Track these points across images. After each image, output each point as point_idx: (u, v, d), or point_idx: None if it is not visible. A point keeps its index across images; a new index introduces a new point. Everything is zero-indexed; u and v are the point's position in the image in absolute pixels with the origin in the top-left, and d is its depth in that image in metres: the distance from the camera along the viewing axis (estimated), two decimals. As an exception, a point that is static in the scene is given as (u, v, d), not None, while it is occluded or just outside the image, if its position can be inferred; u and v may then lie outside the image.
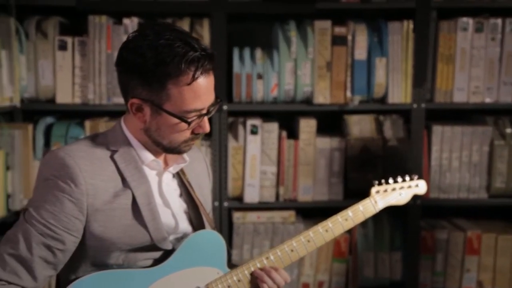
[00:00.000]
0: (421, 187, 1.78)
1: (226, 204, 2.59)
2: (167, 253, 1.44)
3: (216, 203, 2.56)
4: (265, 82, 2.54)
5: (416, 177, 1.78)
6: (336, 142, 2.63)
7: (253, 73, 2.53)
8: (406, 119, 2.66)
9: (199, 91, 1.34)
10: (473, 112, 2.75)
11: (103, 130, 2.43)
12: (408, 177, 1.77)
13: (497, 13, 2.59)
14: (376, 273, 2.69)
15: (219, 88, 1.44)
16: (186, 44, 1.31)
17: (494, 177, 2.64)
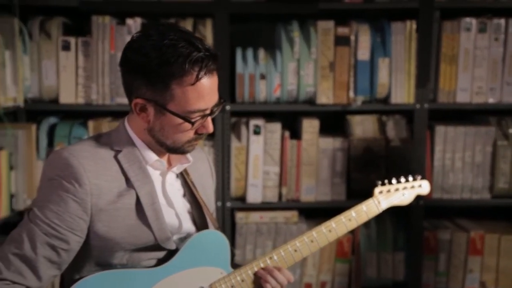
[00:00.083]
0: (424, 188, 1.78)
1: (228, 204, 2.59)
2: (171, 253, 1.44)
3: (219, 203, 2.56)
4: (268, 82, 2.54)
5: (419, 177, 1.78)
6: (339, 143, 2.63)
7: (256, 73, 2.54)
8: (409, 119, 2.66)
9: (203, 92, 1.34)
10: (476, 113, 2.75)
11: (106, 130, 2.43)
12: (411, 178, 1.76)
13: (500, 13, 2.58)
14: (379, 274, 2.69)
15: (222, 88, 1.45)
16: (190, 45, 1.32)
17: (497, 177, 2.64)
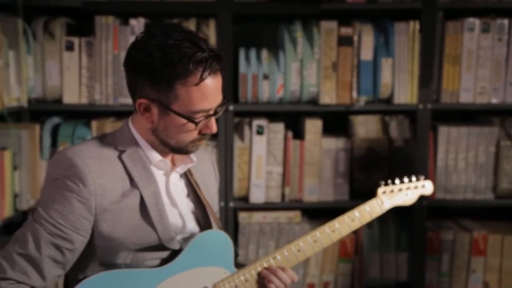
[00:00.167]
0: (427, 188, 1.77)
1: (232, 204, 2.60)
2: (175, 253, 1.44)
3: (222, 203, 2.56)
4: (271, 83, 2.54)
5: (423, 177, 1.78)
6: (342, 143, 2.63)
7: (259, 74, 2.54)
8: (412, 119, 2.66)
9: (207, 92, 1.35)
10: (479, 113, 2.74)
11: (110, 130, 2.45)
12: (414, 178, 1.76)
13: (503, 13, 2.58)
14: (382, 274, 2.69)
15: (225, 88, 1.45)
16: (194, 45, 1.32)
17: (500, 177, 2.63)
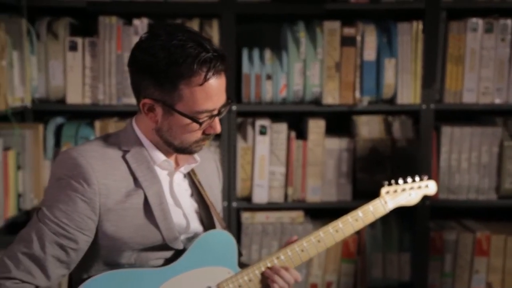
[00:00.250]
0: (431, 188, 1.77)
1: (234, 204, 2.60)
2: (178, 253, 1.44)
3: (225, 204, 2.57)
4: (274, 83, 2.55)
5: (426, 177, 1.78)
6: (344, 143, 2.63)
7: (262, 74, 2.54)
8: (415, 120, 2.66)
9: (211, 92, 1.35)
10: (483, 113, 2.74)
11: (113, 130, 2.45)
12: (418, 178, 1.76)
13: (507, 13, 2.58)
14: (384, 274, 2.69)
15: (228, 88, 1.45)
16: (198, 45, 1.32)
17: (503, 178, 2.63)
